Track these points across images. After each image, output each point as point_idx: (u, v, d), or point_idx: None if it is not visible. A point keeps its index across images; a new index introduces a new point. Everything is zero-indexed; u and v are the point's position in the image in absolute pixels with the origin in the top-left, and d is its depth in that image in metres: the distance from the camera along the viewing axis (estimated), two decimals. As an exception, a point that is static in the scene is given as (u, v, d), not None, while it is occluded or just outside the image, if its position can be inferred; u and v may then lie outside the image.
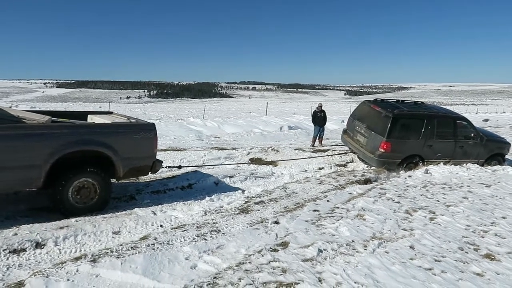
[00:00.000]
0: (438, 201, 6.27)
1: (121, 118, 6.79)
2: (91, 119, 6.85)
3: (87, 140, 5.21)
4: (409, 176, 8.13)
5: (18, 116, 5.56)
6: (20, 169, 4.74)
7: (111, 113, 7.45)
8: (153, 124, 6.04)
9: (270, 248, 4.00)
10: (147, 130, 5.86)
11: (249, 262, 3.64)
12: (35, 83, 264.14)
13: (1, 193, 5.45)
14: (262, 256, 3.80)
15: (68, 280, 3.13)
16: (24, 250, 3.97)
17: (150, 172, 6.13)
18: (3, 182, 4.73)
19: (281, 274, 3.43)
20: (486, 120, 32.53)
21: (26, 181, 4.92)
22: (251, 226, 4.67)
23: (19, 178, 4.82)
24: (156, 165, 6.05)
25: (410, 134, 9.10)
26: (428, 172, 8.51)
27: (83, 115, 6.96)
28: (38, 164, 4.83)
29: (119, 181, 6.18)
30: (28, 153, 4.76)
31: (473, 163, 9.58)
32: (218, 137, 14.65)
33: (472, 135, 9.73)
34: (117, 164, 5.49)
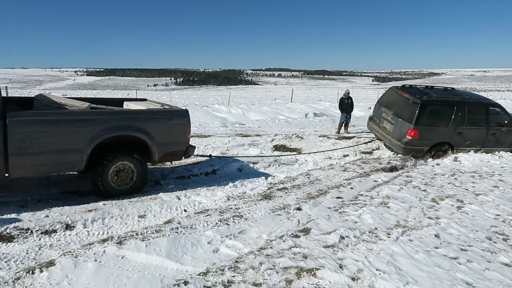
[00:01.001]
0: (466, 189, 6.10)
1: (156, 105, 6.99)
2: (127, 106, 7.09)
3: (125, 126, 5.47)
4: (437, 164, 7.93)
5: (60, 102, 5.88)
6: (64, 153, 5.03)
7: (145, 100, 7.69)
8: (187, 111, 6.24)
9: (292, 234, 4.02)
10: (181, 117, 6.08)
11: (271, 247, 3.67)
12: (66, 71, 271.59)
13: (45, 175, 5.80)
14: (284, 241, 3.82)
15: (95, 260, 3.25)
16: (55, 231, 4.14)
17: (183, 157, 6.35)
18: (48, 165, 5.03)
19: (302, 260, 3.44)
20: (522, 106, 31.16)
21: (70, 165, 5.23)
22: (273, 212, 4.70)
23: (63, 161, 5.11)
24: (189, 150, 6.27)
25: (439, 121, 8.83)
26: (457, 160, 8.26)
27: (120, 102, 7.23)
28: (81, 148, 5.11)
29: (154, 165, 6.36)
30: (72, 138, 5.05)
31: (506, 151, 9.24)
32: (243, 124, 14.68)
33: (506, 122, 9.35)
34: (153, 149, 5.74)
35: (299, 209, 4.83)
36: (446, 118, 8.83)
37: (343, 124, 13.02)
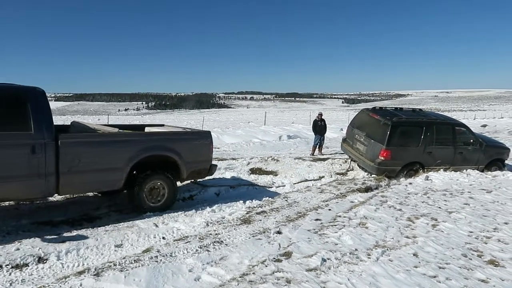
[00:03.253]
0: (439, 207, 6.27)
1: (175, 129, 7.55)
2: (149, 131, 7.42)
3: (158, 146, 5.96)
4: (410, 183, 8.14)
5: (94, 128, 6.47)
6: (107, 171, 5.48)
7: (163, 125, 8.16)
8: (209, 132, 6.82)
9: (274, 258, 3.99)
10: (205, 137, 6.63)
11: (253, 273, 3.63)
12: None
13: (88, 193, 6.27)
14: (266, 266, 3.78)
15: (71, 294, 3.12)
16: (26, 265, 3.94)
17: (207, 175, 6.78)
18: (93, 183, 5.50)
19: (286, 285, 3.41)
20: (484, 125, 32.66)
21: (111, 183, 5.63)
22: (253, 236, 4.66)
23: (106, 179, 5.55)
24: (212, 168, 6.74)
25: (409, 141, 9.13)
26: (429, 179, 8.51)
27: (142, 127, 7.82)
28: (121, 167, 5.55)
29: (181, 183, 6.82)
30: (113, 157, 5.52)
31: (473, 169, 9.59)
32: (218, 148, 14.64)
33: (471, 141, 9.76)
34: (182, 168, 6.19)
35: (279, 232, 4.81)
36: (416, 138, 9.14)
37: (317, 146, 13.23)
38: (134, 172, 5.80)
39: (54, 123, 5.21)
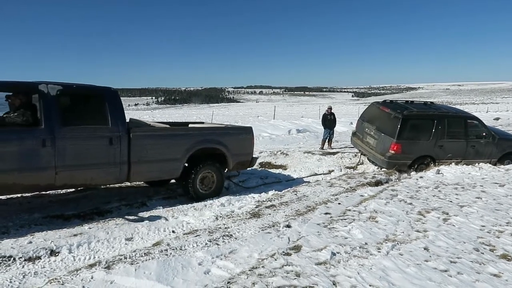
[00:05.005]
0: (451, 201, 6.21)
1: (217, 125, 8.20)
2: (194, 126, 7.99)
3: (210, 140, 6.56)
4: (421, 177, 8.06)
5: (149, 124, 7.20)
6: (168, 161, 6.07)
7: (202, 123, 8.72)
8: (251, 128, 7.45)
9: (283, 252, 3.99)
10: (248, 132, 7.29)
11: (262, 267, 3.63)
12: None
13: (156, 180, 6.72)
14: (275, 260, 3.78)
15: (83, 287, 3.15)
16: (39, 258, 4.00)
17: (249, 167, 7.39)
18: (157, 172, 6.08)
19: (295, 278, 3.41)
20: (497, 118, 32.17)
21: (171, 172, 6.24)
22: (263, 230, 4.66)
23: (167, 169, 6.14)
24: (253, 160, 7.37)
25: (420, 135, 9.02)
26: (440, 172, 8.42)
27: (186, 124, 8.25)
28: (179, 158, 6.15)
29: (228, 172, 7.28)
30: (174, 149, 6.09)
31: (485, 163, 9.47)
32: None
33: (484, 134, 9.61)
34: (229, 159, 6.79)
35: (288, 226, 4.80)
36: (427, 132, 9.03)
37: (327, 139, 13.17)
38: (186, 164, 6.31)
39: None
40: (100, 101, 5.51)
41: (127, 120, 7.19)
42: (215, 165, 6.62)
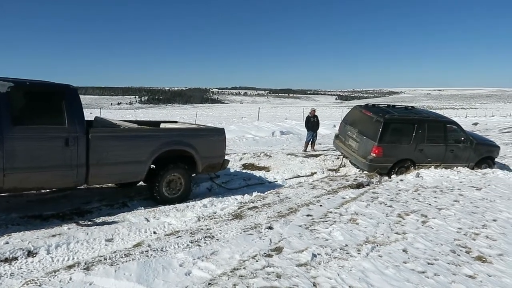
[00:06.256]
0: (429, 204, 6.34)
1: (189, 125, 7.87)
2: (165, 127, 7.72)
3: (178, 141, 6.29)
4: (401, 180, 8.20)
5: (116, 123, 6.72)
6: (131, 164, 5.80)
7: (176, 122, 8.54)
8: (223, 129, 7.16)
9: (264, 253, 4.01)
10: (219, 134, 7.01)
11: (244, 268, 3.64)
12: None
13: (118, 183, 6.56)
14: (257, 261, 3.80)
15: (61, 288, 3.10)
16: (15, 258, 3.91)
17: (220, 169, 7.14)
18: (119, 174, 5.81)
19: (276, 280, 3.43)
20: (476, 123, 33.00)
21: (135, 174, 5.97)
22: (245, 231, 4.67)
23: (131, 171, 5.87)
24: (225, 163, 7.11)
25: (401, 139, 9.18)
26: (420, 176, 8.59)
27: (157, 124, 8.05)
28: (144, 160, 5.88)
29: (196, 175, 7.14)
30: (137, 151, 5.82)
31: (463, 167, 9.69)
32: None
33: (462, 138, 9.84)
34: (198, 162, 6.54)
35: (270, 228, 4.83)
36: (407, 136, 9.19)
37: (310, 142, 13.26)
38: (152, 166, 6.08)
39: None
40: (57, 99, 5.15)
41: (92, 119, 7.04)
42: (183, 168, 6.40)
